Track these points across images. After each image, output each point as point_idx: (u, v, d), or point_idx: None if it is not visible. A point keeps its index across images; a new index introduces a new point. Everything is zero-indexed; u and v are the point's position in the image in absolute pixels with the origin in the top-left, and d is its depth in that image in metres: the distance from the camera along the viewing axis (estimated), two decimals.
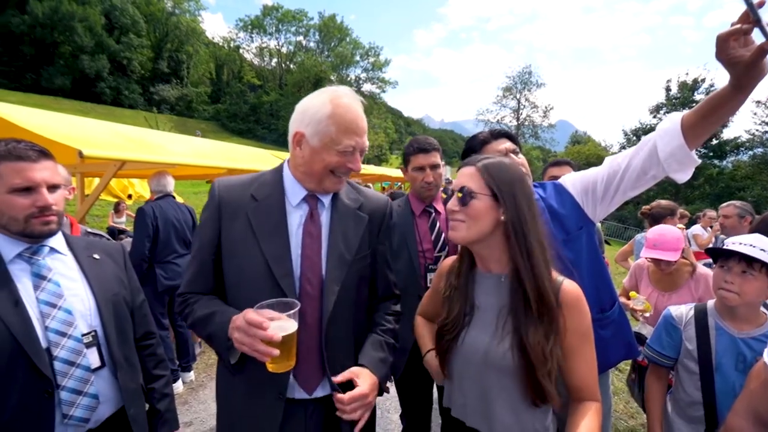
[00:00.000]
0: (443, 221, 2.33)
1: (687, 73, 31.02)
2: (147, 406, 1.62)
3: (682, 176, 1.42)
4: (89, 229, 1.74)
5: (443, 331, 1.32)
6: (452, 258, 1.46)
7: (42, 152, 1.38)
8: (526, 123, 53.89)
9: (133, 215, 9.20)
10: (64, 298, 1.39)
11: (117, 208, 9.33)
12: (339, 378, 1.28)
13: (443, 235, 2.29)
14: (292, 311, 1.14)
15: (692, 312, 1.82)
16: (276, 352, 1.09)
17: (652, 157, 1.47)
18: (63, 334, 1.34)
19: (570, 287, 1.20)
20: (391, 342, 1.50)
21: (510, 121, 54.93)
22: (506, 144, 1.79)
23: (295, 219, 1.37)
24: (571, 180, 1.79)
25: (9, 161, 1.31)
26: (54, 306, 1.35)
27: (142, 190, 9.21)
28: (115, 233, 8.86)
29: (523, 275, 1.17)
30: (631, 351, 1.83)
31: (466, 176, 1.24)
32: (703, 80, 30.47)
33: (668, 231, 2.68)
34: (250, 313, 1.11)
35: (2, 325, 1.23)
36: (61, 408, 1.30)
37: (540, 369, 1.13)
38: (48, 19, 41.74)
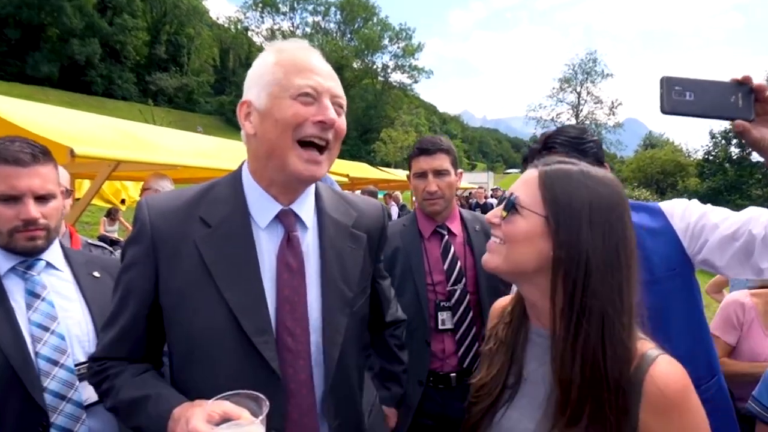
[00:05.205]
0: (459, 246, 2.24)
1: None
2: None
3: None
4: (90, 241, 1.80)
5: (477, 397, 1.15)
6: (507, 298, 1.29)
7: (35, 155, 1.42)
8: (587, 121, 53.15)
9: (127, 224, 9.56)
10: (58, 321, 1.44)
11: (110, 215, 9.62)
12: None
13: (458, 263, 2.19)
14: (262, 416, 0.93)
15: None
16: None
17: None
18: (54, 363, 1.38)
19: (666, 372, 0.93)
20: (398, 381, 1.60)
21: (568, 119, 54.37)
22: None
23: (267, 247, 1.19)
24: (683, 207, 1.64)
25: None
26: (46, 329, 1.40)
27: (136, 194, 9.53)
28: (106, 243, 9.12)
29: (560, 345, 0.96)
30: None
31: (523, 182, 1.06)
32: None
33: None
34: (196, 422, 0.91)
35: None
36: None
37: None
38: None
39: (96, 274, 1.62)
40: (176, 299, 1.14)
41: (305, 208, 1.26)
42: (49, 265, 1.51)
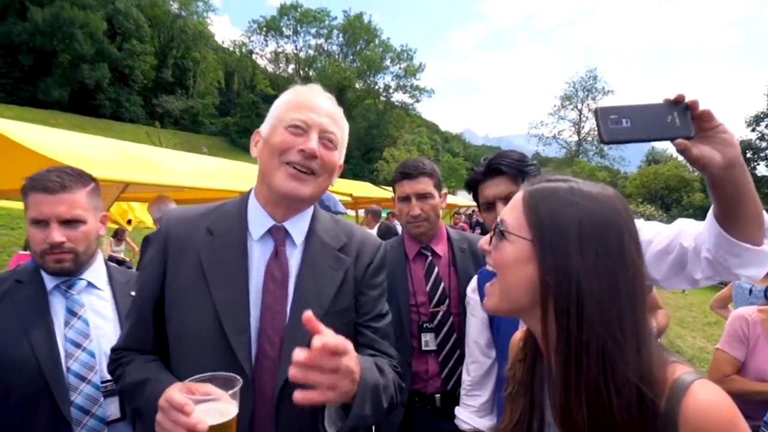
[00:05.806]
0: (444, 267, 2.26)
1: None
2: None
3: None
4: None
5: None
6: (522, 331, 1.16)
7: (63, 184, 1.50)
8: (590, 138, 53.28)
9: (133, 243, 9.63)
10: (91, 338, 1.52)
11: (116, 236, 9.69)
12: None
13: (442, 284, 2.21)
14: (233, 390, 1.01)
15: None
16: None
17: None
18: (83, 379, 1.46)
19: (704, 401, 0.77)
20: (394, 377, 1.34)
21: (570, 136, 54.64)
22: (498, 189, 1.74)
23: (258, 258, 1.29)
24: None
25: (33, 192, 1.49)
26: (79, 346, 1.49)
27: (142, 214, 9.61)
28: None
29: (557, 387, 0.85)
30: None
31: (510, 205, 0.98)
32: None
33: None
34: (172, 391, 1.00)
35: (35, 361, 1.38)
36: None
37: None
38: (48, 26, 45.25)
39: (133, 293, 1.67)
40: (174, 297, 1.26)
41: (298, 227, 1.35)
42: (90, 285, 1.60)
